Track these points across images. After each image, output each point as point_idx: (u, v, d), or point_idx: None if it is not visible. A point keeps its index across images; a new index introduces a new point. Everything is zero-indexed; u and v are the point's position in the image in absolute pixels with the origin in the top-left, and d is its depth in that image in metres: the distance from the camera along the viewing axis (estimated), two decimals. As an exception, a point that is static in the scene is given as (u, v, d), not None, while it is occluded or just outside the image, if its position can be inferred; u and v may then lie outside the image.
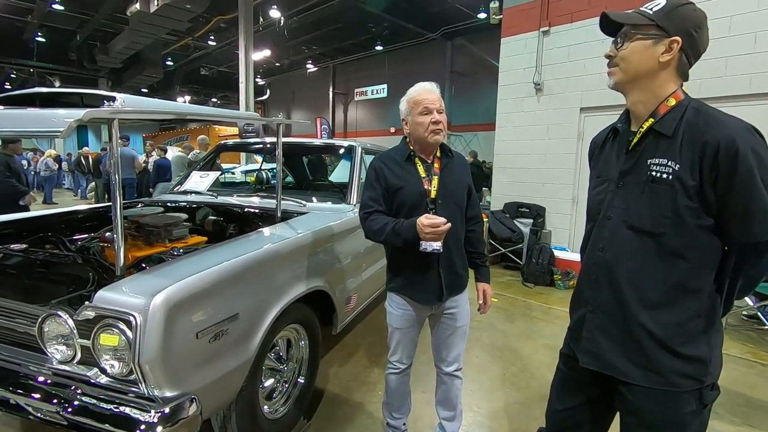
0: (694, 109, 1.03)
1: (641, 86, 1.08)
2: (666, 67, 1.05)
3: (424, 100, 1.69)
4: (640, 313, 1.09)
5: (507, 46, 5.98)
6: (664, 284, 1.06)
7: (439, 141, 1.74)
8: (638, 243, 1.08)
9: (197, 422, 1.38)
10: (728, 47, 4.20)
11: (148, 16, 10.20)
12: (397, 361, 1.88)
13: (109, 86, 17.48)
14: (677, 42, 1.02)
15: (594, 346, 1.19)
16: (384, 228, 1.66)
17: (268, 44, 15.44)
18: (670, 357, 1.06)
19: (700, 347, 1.06)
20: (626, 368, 1.12)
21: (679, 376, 1.07)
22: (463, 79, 15.66)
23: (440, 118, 1.69)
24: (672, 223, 1.02)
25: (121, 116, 1.45)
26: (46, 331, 1.44)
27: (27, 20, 13.43)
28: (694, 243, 1.03)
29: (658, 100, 1.07)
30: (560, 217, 5.50)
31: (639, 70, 1.07)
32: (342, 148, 3.40)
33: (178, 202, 2.91)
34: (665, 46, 1.03)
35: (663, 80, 1.06)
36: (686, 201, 1.00)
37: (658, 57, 1.04)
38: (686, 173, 1.00)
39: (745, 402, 2.63)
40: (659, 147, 1.06)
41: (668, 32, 1.02)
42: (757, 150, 0.95)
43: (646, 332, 1.08)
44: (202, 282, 1.47)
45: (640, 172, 1.08)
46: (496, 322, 3.85)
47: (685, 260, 1.04)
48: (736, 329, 3.80)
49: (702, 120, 1.01)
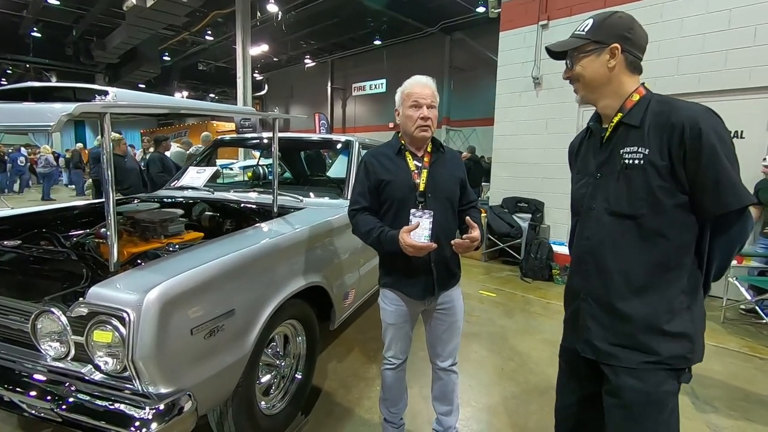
0: (657, 101, 1.15)
1: (604, 92, 1.21)
2: (616, 69, 1.17)
3: (416, 93, 1.68)
4: (626, 296, 1.16)
5: (505, 41, 5.95)
6: (648, 264, 1.13)
7: (426, 138, 1.73)
8: (620, 227, 1.16)
9: (193, 419, 1.38)
10: (728, 41, 4.18)
11: (144, 10, 10.11)
12: (392, 356, 1.88)
13: (106, 82, 17.39)
14: (617, 47, 1.15)
15: (589, 335, 1.24)
16: (369, 233, 1.69)
17: (265, 39, 15.36)
18: (657, 336, 1.13)
19: (684, 324, 1.13)
20: (618, 353, 1.18)
21: (669, 354, 1.12)
22: (462, 73, 15.60)
23: (429, 114, 1.69)
24: (648, 204, 1.11)
25: (113, 110, 1.43)
26: (39, 327, 1.43)
27: (23, 15, 13.34)
28: (672, 221, 1.10)
29: (622, 98, 1.18)
30: (559, 212, 5.50)
31: (595, 79, 1.20)
32: (339, 143, 3.38)
33: (175, 197, 2.89)
34: (608, 54, 1.16)
35: (620, 81, 1.18)
36: (659, 181, 1.09)
37: (606, 64, 1.17)
38: (656, 156, 1.09)
39: (743, 396, 2.64)
40: (629, 137, 1.16)
41: (605, 42, 1.16)
42: (717, 129, 1.05)
43: (634, 315, 1.15)
44: (197, 278, 1.45)
45: (614, 162, 1.18)
46: (494, 317, 3.85)
47: (665, 238, 1.11)
48: (734, 323, 3.80)
49: (666, 107, 1.11)
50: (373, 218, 1.74)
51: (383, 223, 1.74)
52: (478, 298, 4.34)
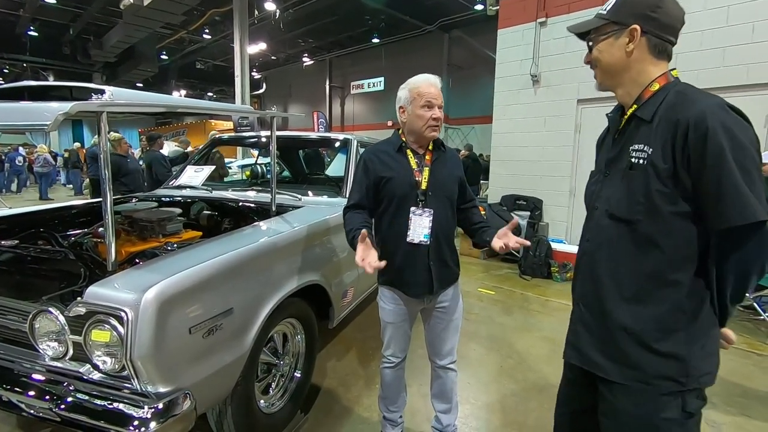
0: (676, 92, 1.01)
1: (622, 80, 1.10)
2: (636, 54, 1.05)
3: (427, 93, 1.66)
4: (616, 305, 1.07)
5: (504, 38, 5.95)
6: (640, 274, 1.04)
7: (435, 137, 1.73)
8: (617, 231, 1.07)
9: (192, 417, 1.38)
10: (726, 37, 4.18)
11: (141, 9, 10.08)
12: (391, 355, 1.88)
13: (103, 81, 17.35)
14: (636, 29, 1.03)
15: (576, 340, 1.19)
16: (348, 233, 1.67)
17: (263, 37, 15.33)
18: (644, 353, 1.03)
19: (677, 344, 1.01)
20: (603, 363, 1.10)
21: (654, 373, 1.02)
22: (461, 71, 15.59)
23: (440, 114, 1.69)
24: (645, 210, 1.00)
25: (109, 109, 1.43)
26: (37, 327, 1.43)
27: (19, 14, 13.30)
28: (668, 230, 0.99)
29: (641, 87, 1.07)
30: (558, 210, 5.50)
31: (612, 64, 1.09)
32: (338, 141, 3.38)
33: (173, 196, 2.89)
34: (627, 36, 1.05)
35: (640, 67, 1.06)
36: (658, 185, 0.98)
37: (624, 48, 1.05)
38: (658, 157, 0.98)
39: (741, 392, 2.65)
40: (640, 133, 1.05)
41: (625, 23, 1.04)
42: (728, 126, 0.91)
43: (622, 326, 1.06)
44: (196, 277, 1.45)
45: (622, 159, 1.08)
46: (493, 314, 3.85)
47: (659, 248, 1.00)
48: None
49: (680, 100, 0.99)
50: (359, 217, 1.71)
51: (382, 221, 1.75)
52: (476, 296, 4.34)
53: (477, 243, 1.84)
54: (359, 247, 1.50)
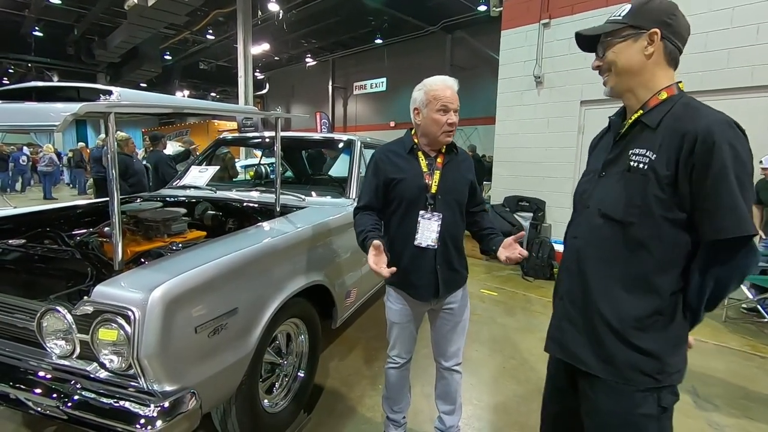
0: (683, 104, 1.04)
1: (634, 83, 1.10)
2: (653, 58, 1.07)
3: (445, 97, 1.64)
4: (600, 302, 1.11)
5: (507, 39, 5.95)
6: (627, 274, 1.08)
7: (449, 141, 1.72)
8: (609, 231, 1.10)
9: (197, 416, 1.39)
10: (730, 39, 4.17)
11: (145, 9, 10.12)
12: (396, 355, 1.88)
13: (107, 81, 17.41)
14: (656, 33, 1.05)
15: (559, 334, 1.23)
16: (359, 235, 1.66)
17: (266, 38, 15.35)
18: (624, 348, 1.07)
19: (657, 342, 1.06)
20: (586, 358, 1.14)
21: (633, 369, 1.07)
22: (464, 72, 15.53)
23: (455, 118, 1.67)
24: (640, 213, 1.04)
25: (117, 110, 1.44)
26: (44, 326, 1.44)
27: (24, 14, 13.35)
28: (659, 235, 1.03)
29: (650, 92, 1.09)
30: (560, 211, 5.49)
31: (628, 67, 1.09)
32: (341, 142, 3.39)
33: (177, 196, 2.90)
34: (646, 40, 1.06)
35: (653, 72, 1.08)
36: (656, 191, 1.01)
37: (643, 51, 1.07)
38: (661, 164, 1.01)
39: (744, 394, 2.64)
40: (642, 138, 1.08)
41: (644, 27, 1.06)
42: (733, 144, 0.95)
43: (605, 322, 1.10)
44: (201, 276, 1.46)
45: (621, 161, 1.11)
46: (495, 315, 3.85)
47: (648, 252, 1.04)
48: (735, 322, 3.81)
49: (687, 113, 1.02)
50: (369, 219, 1.70)
51: (391, 222, 1.74)
52: (479, 297, 4.34)
53: (483, 250, 1.84)
54: (371, 252, 1.50)
